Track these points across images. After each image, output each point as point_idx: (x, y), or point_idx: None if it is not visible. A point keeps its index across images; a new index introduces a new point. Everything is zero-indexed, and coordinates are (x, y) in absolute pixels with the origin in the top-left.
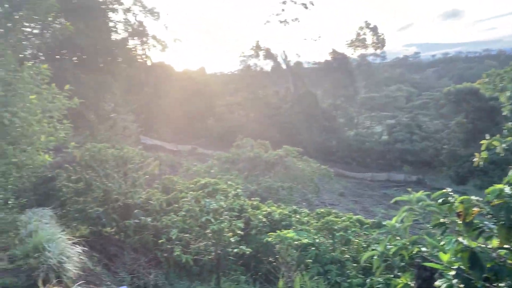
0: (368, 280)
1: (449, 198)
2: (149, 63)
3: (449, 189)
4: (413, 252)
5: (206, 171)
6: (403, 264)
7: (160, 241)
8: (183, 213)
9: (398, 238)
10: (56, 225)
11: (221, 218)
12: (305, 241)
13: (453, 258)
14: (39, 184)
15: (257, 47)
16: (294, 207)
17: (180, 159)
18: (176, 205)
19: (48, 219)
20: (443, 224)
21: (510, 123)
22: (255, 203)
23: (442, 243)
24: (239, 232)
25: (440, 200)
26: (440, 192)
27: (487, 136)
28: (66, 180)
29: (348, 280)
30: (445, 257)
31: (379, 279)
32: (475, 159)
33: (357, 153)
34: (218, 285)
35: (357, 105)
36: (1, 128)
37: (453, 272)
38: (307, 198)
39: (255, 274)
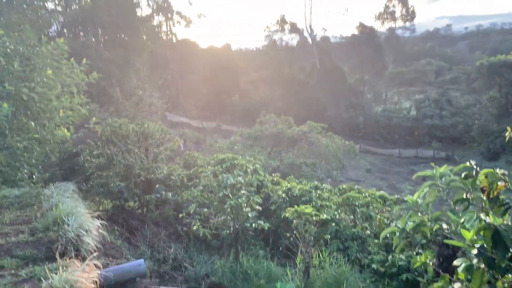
0: (390, 257)
1: (472, 172)
2: (174, 39)
3: (473, 162)
4: (434, 229)
5: (229, 147)
6: (424, 241)
7: (180, 215)
8: (201, 187)
9: (420, 214)
10: (78, 199)
11: (238, 194)
12: (324, 216)
13: (477, 237)
14: (64, 159)
15: (283, 21)
16: (316, 183)
17: (205, 135)
18: (197, 180)
19: (71, 193)
20: (466, 200)
21: None
22: (275, 178)
23: (462, 220)
24: (257, 207)
25: (463, 175)
26: (463, 165)
27: None
28: (88, 155)
29: (369, 257)
30: (468, 235)
31: (401, 256)
32: (507, 133)
33: (385, 129)
34: (236, 259)
35: (385, 81)
36: (21, 103)
37: (475, 251)
38: (331, 174)
39: (274, 249)
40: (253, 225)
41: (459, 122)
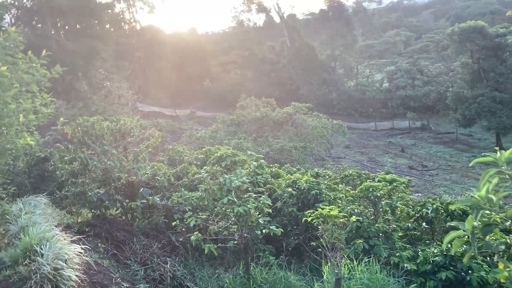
0: (420, 252)
1: None
2: (138, 26)
3: None
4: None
5: (211, 136)
6: (502, 247)
7: (173, 223)
8: (199, 193)
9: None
10: (51, 216)
11: (244, 196)
12: (353, 218)
13: None
14: (32, 166)
15: (249, 1)
16: (316, 169)
17: (180, 124)
18: (186, 179)
19: (42, 209)
20: None
21: None
22: (274, 169)
23: None
24: (268, 210)
25: None
26: None
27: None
28: (59, 161)
29: (397, 254)
30: None
31: (433, 249)
32: None
33: (359, 103)
34: (247, 272)
35: (356, 54)
36: None
37: None
38: (320, 156)
39: (283, 250)
40: (263, 230)
41: (431, 90)
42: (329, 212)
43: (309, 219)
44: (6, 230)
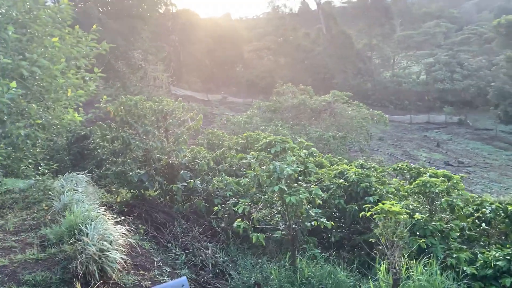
0: (480, 255)
1: None
2: (173, 9)
3: None
4: None
5: (246, 121)
6: None
7: (215, 208)
8: (247, 180)
9: None
10: (93, 194)
11: (294, 185)
12: (418, 216)
13: None
14: (72, 143)
15: None
16: (361, 161)
17: (212, 108)
18: (227, 164)
19: (84, 186)
20: None
21: None
22: (318, 159)
23: None
24: (319, 201)
25: None
26: None
27: None
28: (100, 139)
29: (454, 255)
30: None
31: (494, 252)
32: None
33: (394, 95)
34: (293, 264)
35: (393, 45)
36: (20, 82)
37: None
38: (361, 146)
39: (325, 243)
40: (313, 223)
41: (471, 85)
42: (391, 207)
43: (367, 214)
44: (49, 206)
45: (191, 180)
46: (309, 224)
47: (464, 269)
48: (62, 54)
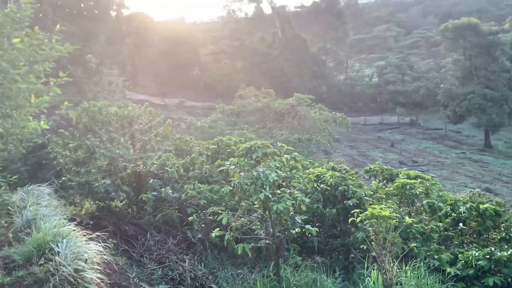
0: (460, 255)
1: None
2: (127, 12)
3: None
4: None
5: (210, 126)
6: None
7: (189, 218)
8: (229, 188)
9: None
10: (58, 208)
11: (278, 192)
12: (409, 220)
13: None
14: (29, 153)
15: None
16: (332, 163)
17: (170, 113)
18: (198, 171)
19: (47, 199)
20: None
21: None
22: (291, 162)
23: None
24: (304, 208)
25: None
26: None
27: None
28: (62, 148)
29: (435, 257)
30: None
31: (474, 252)
32: None
33: (348, 97)
34: (277, 274)
35: (346, 48)
36: None
37: None
38: (325, 149)
39: (305, 248)
40: (297, 230)
41: (421, 86)
42: (380, 212)
43: (357, 220)
44: (9, 222)
45: (162, 189)
46: (294, 231)
47: (447, 270)
48: (23, 57)
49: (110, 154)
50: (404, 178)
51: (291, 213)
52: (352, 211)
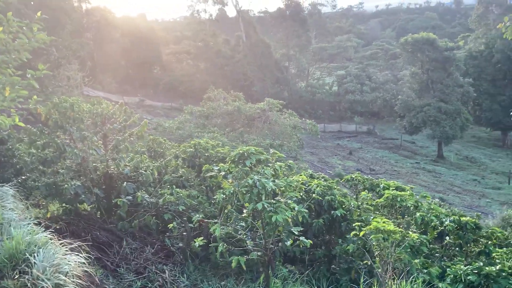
0: (449, 270)
1: None
2: (87, 5)
3: None
4: None
5: (179, 127)
6: None
7: (169, 225)
8: (222, 196)
9: None
10: (25, 211)
11: (273, 201)
12: (414, 236)
13: None
14: None
15: None
16: (310, 171)
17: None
18: (174, 174)
19: (12, 201)
20: None
21: None
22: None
23: None
24: (301, 219)
25: None
26: None
27: None
28: (28, 145)
29: (425, 271)
30: None
31: (460, 265)
32: None
33: (309, 104)
34: (267, 287)
35: (309, 56)
36: None
37: None
38: (295, 154)
39: (289, 261)
40: (289, 242)
41: (378, 97)
42: (384, 225)
43: (360, 234)
44: None
45: (138, 193)
46: (288, 243)
47: (438, 285)
48: None
49: (81, 153)
50: (392, 189)
51: (290, 224)
52: (339, 222)
